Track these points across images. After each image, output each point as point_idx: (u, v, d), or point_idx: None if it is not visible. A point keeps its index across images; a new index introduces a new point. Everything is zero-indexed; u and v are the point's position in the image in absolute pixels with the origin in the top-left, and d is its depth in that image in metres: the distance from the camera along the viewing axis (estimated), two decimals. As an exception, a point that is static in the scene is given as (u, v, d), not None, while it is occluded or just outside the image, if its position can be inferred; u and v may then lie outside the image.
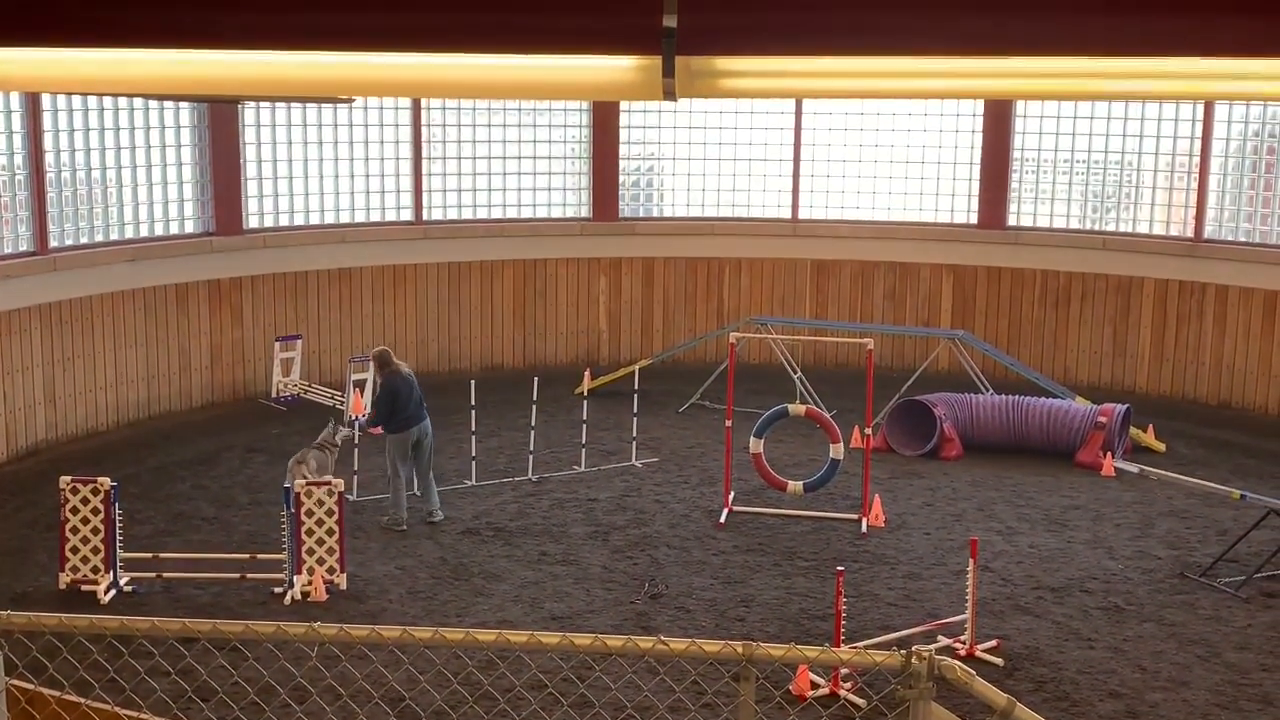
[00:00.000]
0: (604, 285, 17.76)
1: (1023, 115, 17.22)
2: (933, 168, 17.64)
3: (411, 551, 11.05)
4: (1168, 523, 12.00)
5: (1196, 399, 16.11)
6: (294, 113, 16.22)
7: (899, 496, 12.52)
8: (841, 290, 17.69)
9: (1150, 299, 16.43)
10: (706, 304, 17.87)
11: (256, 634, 3.88)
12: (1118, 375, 16.64)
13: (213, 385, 15.57)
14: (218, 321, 15.54)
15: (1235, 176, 16.08)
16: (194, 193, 15.51)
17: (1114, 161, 16.90)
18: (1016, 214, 17.38)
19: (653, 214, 18.21)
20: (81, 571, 10.06)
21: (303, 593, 10.00)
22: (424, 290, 17.04)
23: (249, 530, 11.48)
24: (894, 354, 17.09)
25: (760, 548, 11.21)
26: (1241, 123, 16.06)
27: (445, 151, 17.31)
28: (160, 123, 15.03)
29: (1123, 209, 16.95)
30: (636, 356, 16.86)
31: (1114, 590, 10.40)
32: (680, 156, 18.13)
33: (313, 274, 16.30)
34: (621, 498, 12.48)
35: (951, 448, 13.82)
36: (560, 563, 10.83)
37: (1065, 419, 13.84)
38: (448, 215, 17.37)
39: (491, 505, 12.21)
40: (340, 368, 15.72)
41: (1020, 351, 16.72)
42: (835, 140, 17.82)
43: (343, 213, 16.78)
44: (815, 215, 17.93)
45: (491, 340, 17.41)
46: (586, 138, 17.78)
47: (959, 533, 11.50)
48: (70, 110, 14.09)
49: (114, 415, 14.56)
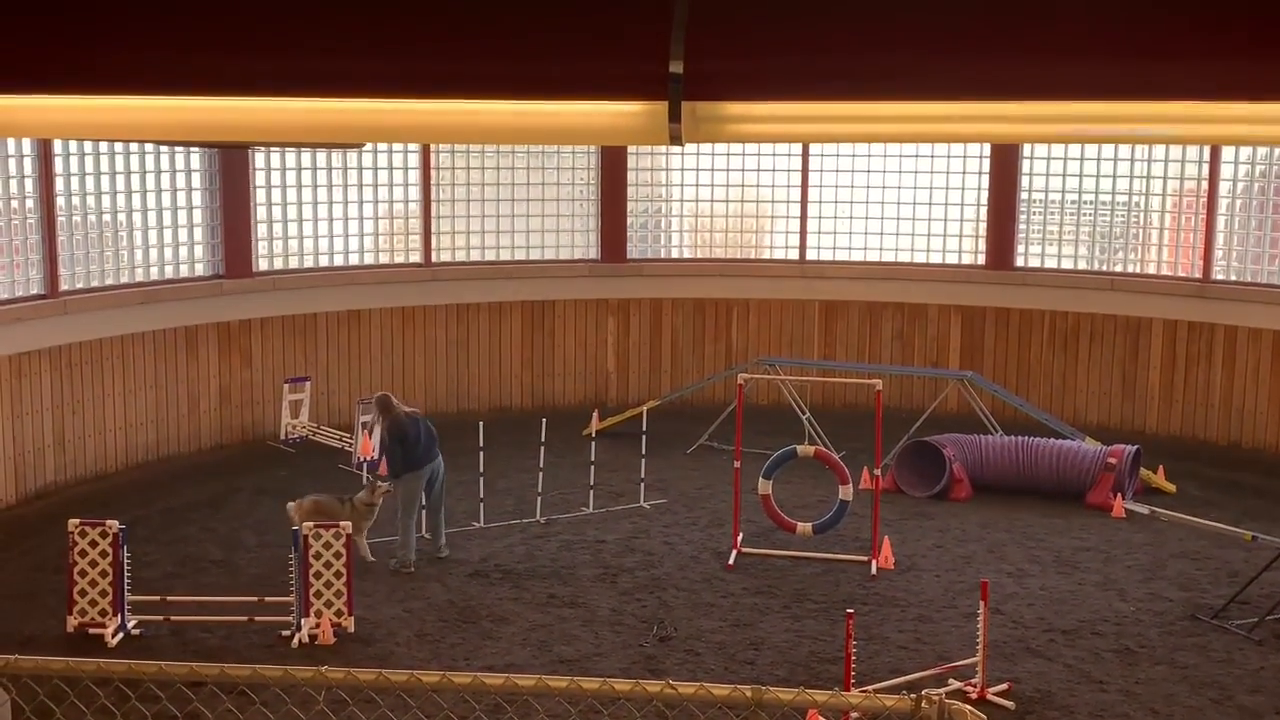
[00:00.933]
0: (612, 326, 17.79)
1: (1030, 157, 17.26)
2: (940, 209, 17.68)
3: (419, 594, 11.02)
4: (1179, 564, 11.93)
5: (1207, 440, 16.06)
6: (304, 157, 16.33)
7: (908, 538, 12.47)
8: (849, 331, 17.70)
9: (1159, 340, 16.41)
10: (715, 345, 17.88)
11: (264, 678, 3.87)
12: (1127, 416, 16.60)
13: (221, 427, 15.59)
14: (227, 364, 15.58)
15: (1243, 217, 16.09)
16: (204, 236, 15.59)
17: (1121, 203, 16.93)
18: (1024, 255, 17.39)
19: (660, 255, 18.26)
20: (89, 614, 10.05)
21: (310, 635, 9.97)
22: (432, 332, 17.08)
23: (257, 573, 11.46)
24: (902, 395, 17.07)
25: (769, 590, 11.16)
26: (1249, 164, 16.09)
27: (454, 194, 17.39)
28: (171, 166, 15.13)
29: (1131, 250, 16.96)
30: (645, 398, 16.85)
31: (1125, 633, 10.34)
32: (688, 199, 18.20)
33: (321, 316, 16.35)
34: (630, 539, 12.44)
35: (961, 489, 13.78)
36: (568, 605, 10.79)
37: (1075, 460, 13.80)
38: (456, 257, 17.43)
39: (499, 547, 12.18)
40: (349, 409, 15.73)
41: (1029, 392, 16.69)
42: (843, 181, 17.88)
43: (352, 255, 16.86)
44: (823, 256, 17.97)
45: (500, 381, 17.43)
46: (595, 180, 17.86)
47: (969, 575, 11.44)
48: (82, 154, 14.18)
49: (123, 457, 14.57)
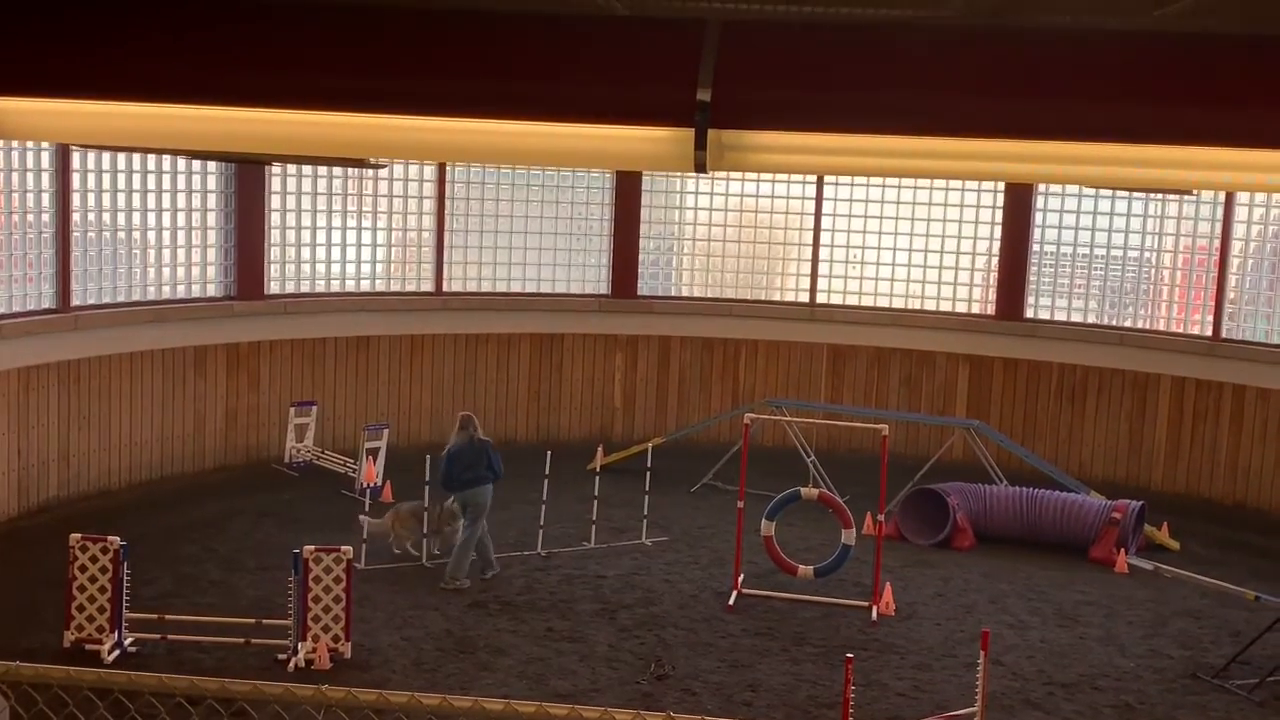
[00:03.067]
0: (620, 362, 17.80)
1: (1042, 209, 17.31)
2: (952, 257, 17.72)
3: (418, 623, 10.98)
4: (1181, 622, 11.87)
5: (1211, 498, 16.01)
6: (320, 181, 16.41)
7: (910, 585, 12.42)
8: (857, 375, 17.69)
9: (1167, 396, 16.39)
10: (722, 384, 17.88)
11: (264, 694, 3.85)
12: (1133, 471, 16.55)
13: (226, 449, 15.58)
14: (234, 385, 15.59)
15: (1254, 276, 16.11)
16: (217, 257, 15.64)
17: (1133, 258, 16.96)
18: (1034, 306, 17.41)
19: (671, 293, 18.29)
20: (87, 630, 10.01)
21: (306, 660, 9.92)
22: (440, 361, 17.09)
23: (256, 595, 11.43)
24: (908, 441, 17.03)
25: (769, 632, 11.11)
26: (1261, 223, 16.11)
27: (468, 224, 17.45)
28: (188, 186, 15.20)
29: (1141, 305, 16.97)
30: (650, 434, 16.83)
31: (1125, 689, 10.27)
32: (700, 237, 18.25)
33: (330, 341, 16.38)
34: (630, 576, 12.40)
35: (964, 538, 13.73)
36: (566, 639, 10.75)
37: (1079, 513, 13.75)
38: (467, 287, 17.47)
39: (499, 579, 12.15)
40: (355, 435, 15.73)
41: (1035, 444, 16.66)
42: (855, 226, 17.93)
43: (363, 281, 16.91)
44: (833, 300, 17.99)
45: (506, 413, 17.42)
46: (608, 215, 17.91)
47: (970, 624, 11.39)
48: (99, 170, 14.26)
49: (127, 475, 14.56)
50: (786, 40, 2.96)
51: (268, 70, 3.05)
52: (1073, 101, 3.07)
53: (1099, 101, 3.04)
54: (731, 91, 2.86)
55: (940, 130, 3.09)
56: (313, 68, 3.00)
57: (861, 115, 2.97)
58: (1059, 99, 3.17)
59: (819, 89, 2.95)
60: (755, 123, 2.90)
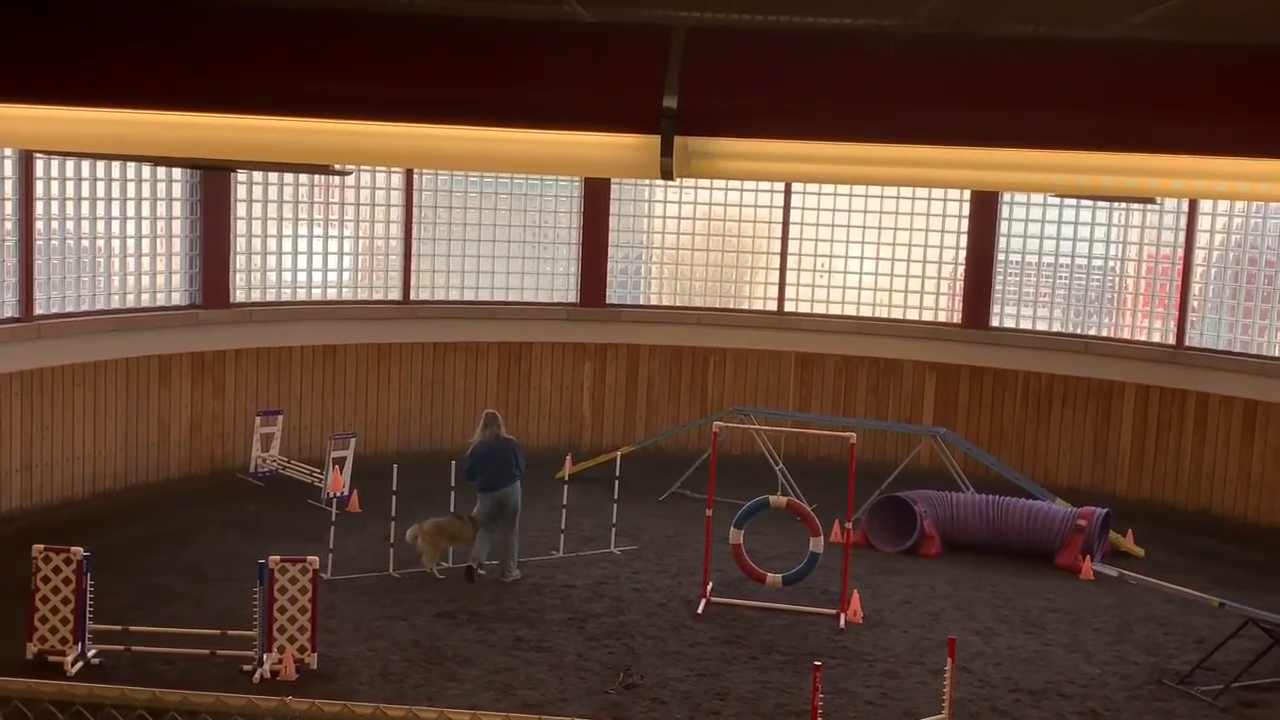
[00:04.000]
0: (588, 371, 17.78)
1: (1008, 218, 17.41)
2: (919, 266, 17.80)
3: (384, 633, 10.92)
4: (1146, 628, 11.94)
5: (1176, 505, 16.11)
6: (286, 189, 16.32)
7: (878, 593, 12.45)
8: (825, 384, 17.74)
9: (1131, 404, 16.50)
10: (690, 393, 17.88)
11: (227, 706, 3.82)
12: (1098, 479, 16.65)
13: (191, 458, 15.47)
14: (199, 394, 15.48)
15: (1218, 285, 16.24)
16: (183, 265, 15.53)
17: (1097, 266, 17.07)
18: (1000, 315, 17.50)
19: (639, 301, 18.29)
20: (49, 642, 9.91)
21: (272, 671, 9.85)
22: (408, 370, 17.03)
23: (221, 606, 11.34)
24: (875, 449, 17.07)
25: (738, 640, 11.11)
26: (1224, 232, 16.26)
27: (435, 233, 17.40)
28: (153, 194, 15.10)
29: (1105, 314, 17.08)
30: (619, 443, 16.82)
31: (1091, 695, 10.32)
32: (669, 246, 18.27)
33: (297, 350, 16.29)
34: (599, 585, 12.38)
35: (931, 545, 13.78)
36: (534, 649, 10.71)
37: (1045, 520, 13.82)
38: (435, 295, 17.42)
39: (467, 589, 12.10)
40: (321, 444, 15.64)
41: (1001, 451, 16.73)
42: (823, 235, 17.98)
43: (330, 289, 16.83)
44: (801, 309, 18.04)
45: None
46: (577, 224, 17.90)
47: (937, 631, 11.42)
48: (64, 178, 14.14)
49: (90, 485, 14.43)
50: (753, 47, 2.97)
51: (232, 75, 3.02)
52: (1038, 109, 3.09)
53: (1064, 109, 3.06)
54: (698, 98, 2.86)
55: (906, 138, 3.10)
56: (279, 72, 2.98)
57: (828, 122, 2.98)
58: (1023, 107, 3.19)
59: (785, 96, 2.95)
60: (722, 129, 2.91)
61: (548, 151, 2.96)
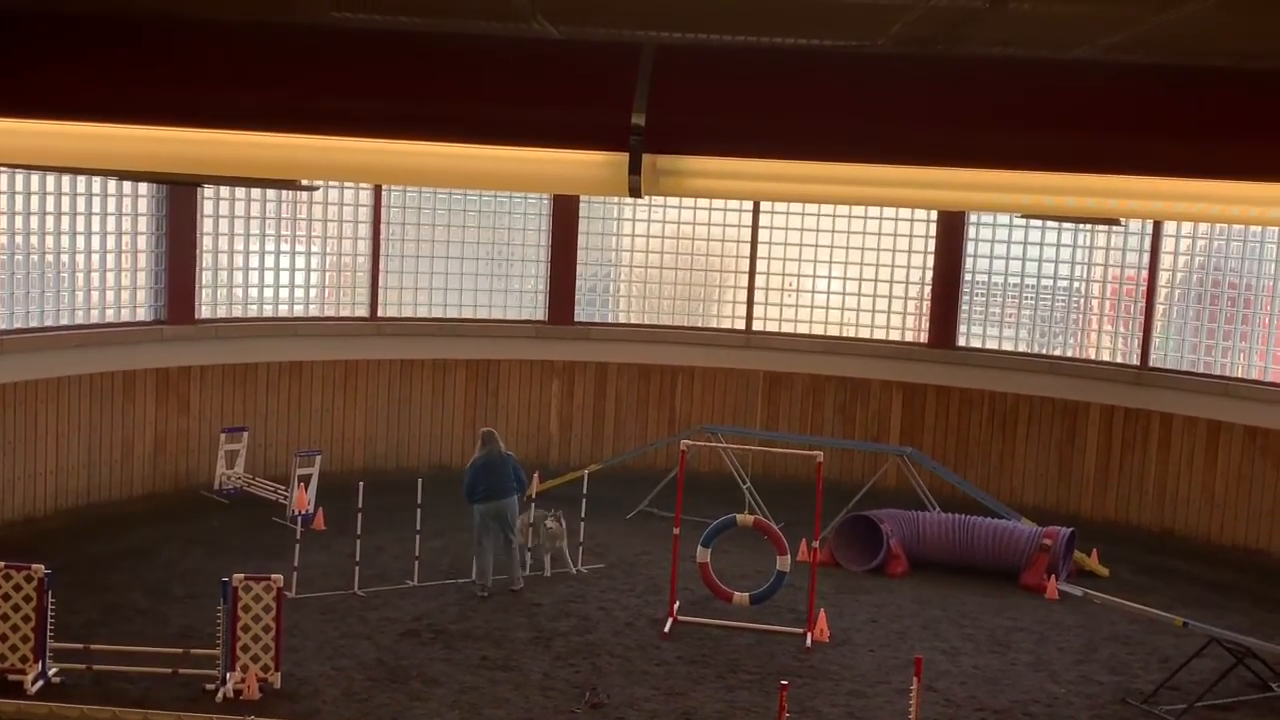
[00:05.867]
0: (556, 388, 17.75)
1: (974, 239, 17.50)
2: (885, 285, 17.87)
3: (349, 651, 10.85)
4: (1110, 648, 11.99)
5: (1140, 525, 16.20)
6: (253, 204, 16.24)
7: (844, 612, 12.46)
8: (792, 403, 17.77)
9: (1096, 424, 16.60)
10: (658, 411, 17.88)
11: (189, 725, 3.77)
12: (1063, 498, 16.74)
13: (155, 475, 15.33)
14: (164, 411, 15.36)
15: (1182, 306, 16.38)
16: (147, 280, 15.42)
17: (1063, 287, 17.19)
18: (966, 335, 17.59)
19: (607, 319, 18.28)
20: (10, 660, 9.77)
21: (235, 690, 9.76)
22: (375, 386, 16.95)
23: (184, 623, 11.24)
24: (843, 468, 17.11)
25: (704, 659, 11.09)
26: (1188, 254, 16.40)
27: (403, 249, 17.35)
28: (118, 209, 14.99)
29: (1070, 334, 17.19)
30: (586, 461, 16.78)
31: (1056, 714, 10.35)
32: (637, 264, 18.28)
33: (262, 366, 16.20)
34: (565, 603, 12.33)
35: (897, 564, 13.80)
36: (500, 668, 10.66)
37: (1011, 540, 13.87)
38: (403, 312, 17.37)
39: (433, 606, 12.04)
40: (286, 461, 15.55)
41: (967, 471, 16.80)
42: (790, 254, 18.04)
43: (297, 305, 16.74)
44: (769, 327, 18.08)
45: (441, 439, 17.31)
46: (545, 241, 17.89)
47: (903, 650, 11.43)
48: (28, 192, 14.02)
49: (52, 502, 14.29)
50: (721, 66, 2.97)
51: (197, 88, 3.01)
52: (1003, 129, 3.11)
53: (1030, 129, 3.08)
54: (666, 116, 2.86)
55: (873, 158, 3.12)
56: (243, 86, 2.96)
57: (795, 141, 2.98)
58: (989, 127, 3.21)
59: (753, 115, 2.96)
60: (690, 147, 2.91)
61: (516, 168, 2.96)
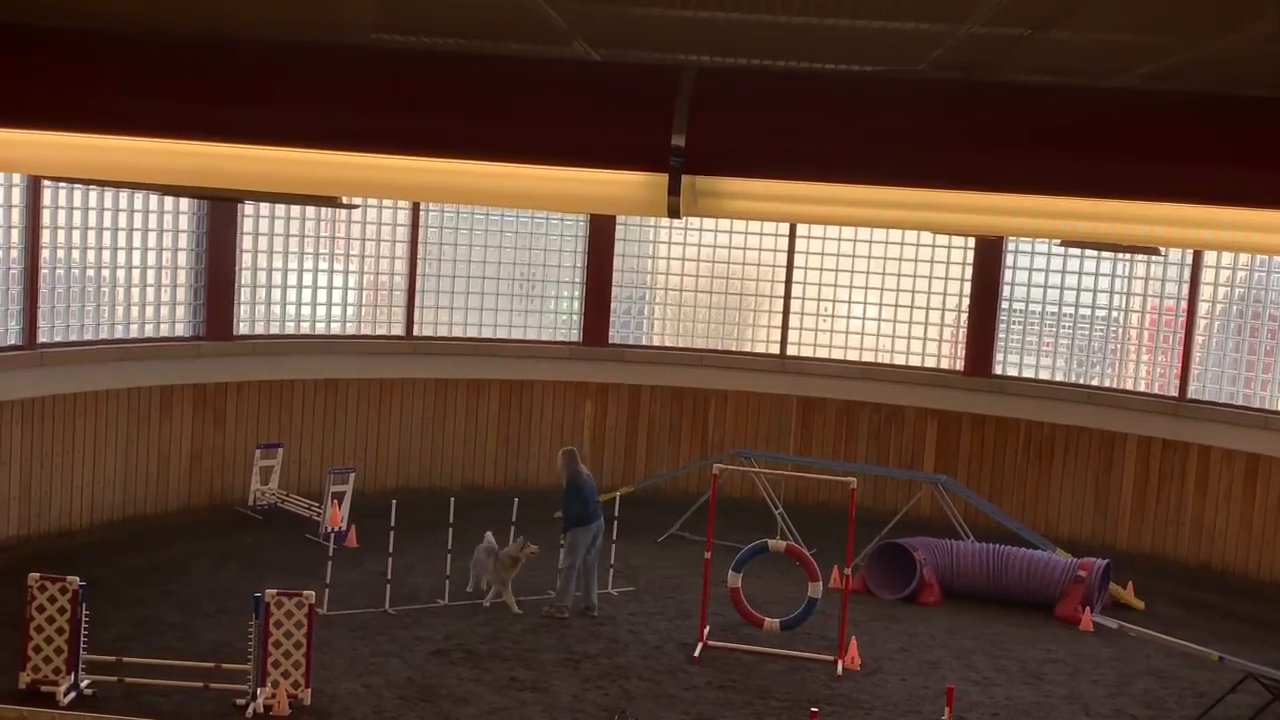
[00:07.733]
0: (590, 410, 17.76)
1: (1012, 266, 17.43)
2: (922, 313, 17.81)
3: (379, 670, 10.86)
4: (1145, 682, 11.87)
5: (1176, 558, 16.05)
6: (293, 222, 16.37)
7: (876, 640, 12.38)
8: (826, 428, 17.71)
9: (1133, 456, 16.47)
10: (691, 434, 17.86)
11: (220, 738, 3.78)
12: (1099, 530, 16.60)
13: (190, 490, 15.43)
14: (200, 426, 15.46)
15: (1221, 338, 16.24)
16: (187, 296, 15.55)
17: (1101, 317, 17.08)
18: (1003, 363, 17.50)
19: (642, 342, 18.30)
20: (43, 671, 9.85)
21: (265, 705, 9.79)
22: (410, 405, 17.01)
23: (216, 638, 11.29)
24: (876, 495, 17.03)
25: (734, 685, 11.04)
26: (1228, 285, 16.27)
27: (440, 269, 17.43)
28: (159, 225, 15.13)
29: (1109, 364, 17.08)
30: (618, 483, 16.78)
31: (1090, 747, 10.24)
32: (673, 287, 18.29)
33: (299, 383, 16.29)
34: (595, 626, 12.31)
35: (930, 593, 13.71)
36: (529, 689, 10.65)
37: (1045, 571, 13.76)
38: (439, 332, 17.44)
39: (463, 626, 12.05)
40: (320, 479, 15.61)
41: (1002, 500, 16.69)
42: (826, 279, 18.01)
43: (334, 324, 16.84)
44: (804, 353, 18.04)
45: (474, 459, 17.34)
46: (581, 263, 17.94)
47: (935, 680, 11.35)
48: (70, 207, 14.17)
49: (88, 515, 14.39)
50: (761, 90, 2.99)
51: (244, 105, 3.04)
52: (1043, 156, 3.10)
53: (1069, 156, 3.07)
54: (706, 138, 2.87)
55: (911, 181, 3.12)
56: (290, 104, 2.99)
57: (834, 165, 2.99)
58: (1029, 153, 3.20)
59: (792, 138, 2.97)
60: (729, 169, 2.92)
61: (556, 188, 2.97)
